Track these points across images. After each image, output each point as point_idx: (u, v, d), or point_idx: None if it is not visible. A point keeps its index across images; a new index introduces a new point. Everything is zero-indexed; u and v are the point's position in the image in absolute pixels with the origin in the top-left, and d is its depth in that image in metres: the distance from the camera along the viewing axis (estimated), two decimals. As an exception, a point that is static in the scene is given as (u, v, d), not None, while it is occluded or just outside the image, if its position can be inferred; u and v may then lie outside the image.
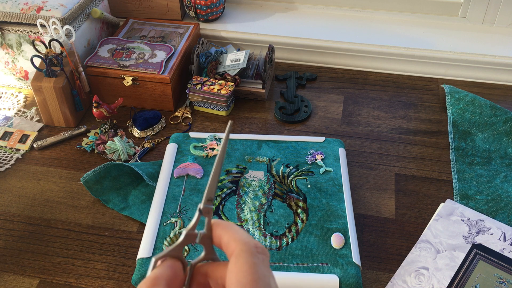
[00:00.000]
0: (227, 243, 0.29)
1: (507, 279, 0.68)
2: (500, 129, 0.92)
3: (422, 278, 0.69)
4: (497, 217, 0.78)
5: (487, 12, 1.13)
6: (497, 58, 1.06)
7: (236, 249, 0.28)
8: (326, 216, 0.75)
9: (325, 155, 0.85)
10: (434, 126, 0.97)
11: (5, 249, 0.76)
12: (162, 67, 0.97)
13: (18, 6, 0.96)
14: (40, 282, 0.71)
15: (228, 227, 0.30)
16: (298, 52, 1.13)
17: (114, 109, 0.95)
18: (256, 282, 0.26)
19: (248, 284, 0.26)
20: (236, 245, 0.28)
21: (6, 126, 0.98)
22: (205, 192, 0.31)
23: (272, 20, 1.19)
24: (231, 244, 0.29)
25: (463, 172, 0.86)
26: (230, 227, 0.30)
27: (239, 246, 0.28)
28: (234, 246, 0.28)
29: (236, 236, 0.29)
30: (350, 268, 0.68)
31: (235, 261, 0.28)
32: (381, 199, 0.83)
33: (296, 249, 0.71)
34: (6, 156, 0.92)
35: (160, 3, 1.14)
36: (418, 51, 1.08)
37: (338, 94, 1.05)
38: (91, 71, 0.98)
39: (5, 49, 1.02)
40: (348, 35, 1.13)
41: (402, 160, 0.90)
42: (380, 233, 0.77)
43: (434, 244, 0.72)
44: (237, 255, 0.28)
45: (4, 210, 0.82)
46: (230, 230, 0.30)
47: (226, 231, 0.30)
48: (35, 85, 0.91)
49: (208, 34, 1.15)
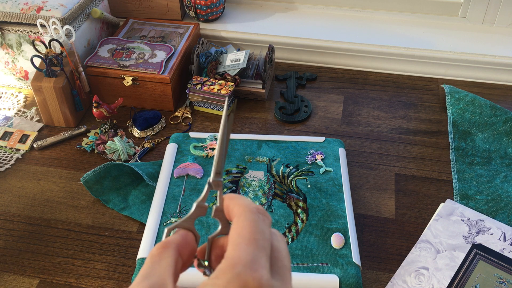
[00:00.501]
0: (232, 210, 0.30)
1: (507, 279, 0.68)
2: (500, 129, 0.92)
3: (422, 278, 0.69)
4: (497, 217, 0.78)
5: (487, 12, 1.13)
6: (497, 58, 1.06)
7: (238, 211, 0.29)
8: (326, 216, 0.75)
9: (325, 155, 0.85)
10: (434, 126, 0.97)
11: (5, 249, 0.76)
12: (162, 67, 0.97)
13: (18, 6, 0.96)
14: (40, 282, 0.71)
15: (234, 197, 0.31)
16: (298, 52, 1.13)
17: (114, 109, 0.95)
18: (256, 234, 0.27)
19: (248, 235, 0.27)
20: (239, 208, 0.29)
21: (6, 126, 0.98)
22: (214, 165, 0.32)
23: (272, 20, 1.19)
24: (235, 210, 0.30)
25: (463, 172, 0.86)
26: (236, 197, 0.31)
27: (242, 208, 0.29)
28: (237, 210, 0.29)
29: (240, 201, 0.30)
30: (350, 268, 0.68)
31: (236, 220, 0.29)
32: (381, 199, 0.83)
33: (296, 249, 0.71)
34: (6, 156, 0.92)
35: (160, 3, 1.14)
36: (418, 51, 1.08)
37: (338, 94, 1.05)
38: (91, 71, 0.98)
39: (5, 49, 1.02)
40: (348, 35, 1.13)
41: (402, 160, 0.90)
42: (380, 233, 0.77)
43: (434, 244, 0.72)
44: (239, 215, 0.29)
45: (4, 210, 0.82)
46: (235, 199, 0.31)
47: (232, 200, 0.31)
48: (35, 85, 0.91)
49: (208, 34, 1.15)
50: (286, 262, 0.29)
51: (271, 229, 0.30)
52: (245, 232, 0.28)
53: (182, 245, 0.29)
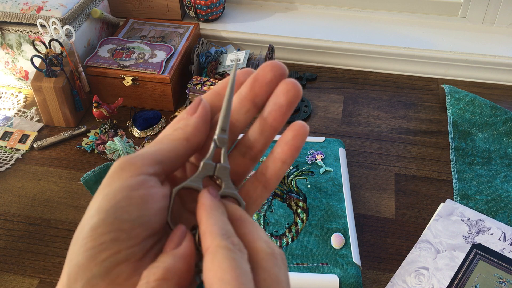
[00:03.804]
0: (203, 234, 0.26)
1: (507, 279, 0.68)
2: (500, 129, 0.92)
3: (422, 278, 0.69)
4: (497, 217, 0.78)
5: (487, 12, 1.13)
6: (497, 58, 1.06)
7: (211, 245, 0.25)
8: (326, 216, 0.75)
9: (325, 155, 0.85)
10: (434, 126, 0.97)
11: (5, 249, 0.76)
12: (162, 67, 0.97)
13: (18, 6, 0.96)
14: (40, 282, 0.71)
15: (207, 213, 0.27)
16: (298, 52, 1.13)
17: (114, 109, 0.95)
18: (240, 277, 0.24)
19: (233, 280, 0.24)
20: (212, 240, 0.25)
21: (6, 126, 0.98)
22: (219, 121, 0.30)
23: (272, 20, 1.19)
24: (206, 238, 0.26)
25: (463, 172, 0.86)
26: (209, 214, 0.27)
27: (215, 241, 0.25)
28: (209, 241, 0.25)
29: (213, 229, 0.26)
30: (350, 268, 0.68)
31: (212, 259, 0.25)
32: (381, 199, 0.83)
33: (296, 249, 0.71)
34: (6, 156, 0.92)
35: (160, 3, 1.14)
36: (418, 51, 1.08)
37: (338, 94, 1.05)
38: (91, 71, 0.98)
39: (5, 49, 1.02)
40: (348, 35, 1.13)
41: (402, 160, 0.90)
42: (380, 233, 0.77)
43: (434, 244, 0.72)
44: (213, 251, 0.25)
45: (4, 210, 0.82)
46: (209, 219, 0.27)
47: (205, 218, 0.27)
48: (35, 85, 0.91)
49: (208, 34, 1.15)
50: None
51: (274, 251, 0.26)
52: (228, 277, 0.24)
53: (183, 275, 0.26)
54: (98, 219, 0.25)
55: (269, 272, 0.25)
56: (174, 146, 0.28)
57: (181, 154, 0.29)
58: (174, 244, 0.27)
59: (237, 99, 0.31)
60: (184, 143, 0.29)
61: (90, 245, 0.25)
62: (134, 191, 0.26)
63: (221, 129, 0.30)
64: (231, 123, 0.31)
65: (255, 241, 0.26)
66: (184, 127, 0.29)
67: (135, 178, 0.26)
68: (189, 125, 0.29)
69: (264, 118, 0.31)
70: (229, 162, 0.30)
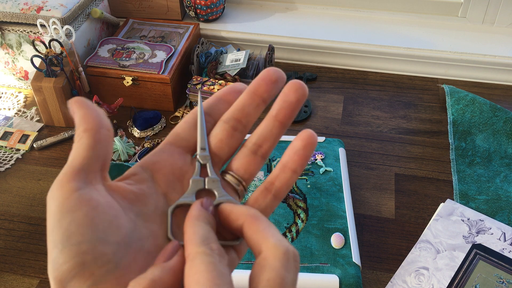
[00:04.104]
0: (185, 243, 0.27)
1: (507, 279, 0.68)
2: (500, 129, 0.92)
3: (422, 278, 0.69)
4: (497, 217, 0.78)
5: (487, 12, 1.13)
6: (497, 58, 1.06)
7: (191, 252, 0.26)
8: (326, 216, 0.75)
9: (325, 155, 0.85)
10: (434, 126, 0.97)
11: (5, 249, 0.76)
12: (162, 67, 0.97)
13: (18, 6, 0.96)
14: (40, 282, 0.71)
15: (190, 223, 0.27)
16: (298, 52, 1.13)
17: (114, 109, 0.95)
18: (216, 278, 0.24)
19: (208, 282, 0.24)
20: (192, 248, 0.26)
21: (6, 126, 0.98)
22: (198, 142, 0.32)
23: (272, 20, 1.19)
24: (187, 247, 0.26)
25: (463, 172, 0.86)
26: (192, 224, 0.27)
27: (195, 248, 0.26)
28: (190, 249, 0.26)
29: (194, 237, 0.26)
30: (350, 268, 0.68)
31: (190, 265, 0.25)
32: (381, 199, 0.83)
33: (296, 249, 0.71)
34: (6, 156, 0.92)
35: (160, 3, 1.14)
36: (418, 51, 1.08)
37: (338, 94, 1.05)
38: (91, 71, 0.98)
39: (5, 49, 1.02)
40: (348, 35, 1.13)
41: (402, 160, 0.90)
42: (380, 233, 0.77)
43: (434, 244, 0.72)
44: (192, 258, 0.25)
45: (4, 210, 0.82)
46: (191, 229, 0.27)
47: (188, 228, 0.27)
48: (35, 85, 0.91)
49: (208, 34, 1.15)
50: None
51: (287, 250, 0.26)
52: (204, 279, 0.24)
53: None
54: (57, 253, 0.25)
55: (276, 273, 0.25)
56: (85, 144, 0.28)
57: (93, 147, 0.28)
58: (165, 258, 0.27)
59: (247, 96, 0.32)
60: (91, 140, 0.28)
61: (61, 278, 0.25)
62: (76, 212, 0.25)
63: (201, 149, 0.31)
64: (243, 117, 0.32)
65: (267, 238, 0.26)
66: (83, 132, 0.29)
67: (71, 199, 0.26)
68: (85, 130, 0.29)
69: (274, 115, 0.31)
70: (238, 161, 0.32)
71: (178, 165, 0.31)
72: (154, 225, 0.29)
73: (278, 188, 0.31)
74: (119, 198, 0.28)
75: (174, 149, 0.32)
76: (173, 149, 0.32)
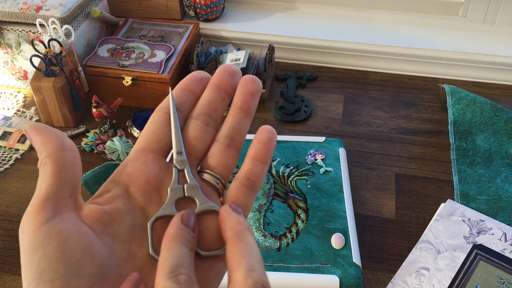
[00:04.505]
0: (157, 270, 0.26)
1: (508, 279, 0.67)
2: (501, 129, 0.91)
3: (422, 279, 0.68)
4: (498, 218, 0.78)
5: (488, 12, 1.13)
6: (498, 58, 1.05)
7: (158, 284, 0.25)
8: (326, 216, 0.75)
9: (325, 155, 0.84)
10: (434, 126, 0.97)
11: (4, 249, 0.76)
12: (162, 67, 0.97)
13: (17, 5, 0.96)
14: (39, 282, 0.71)
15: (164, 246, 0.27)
16: (298, 51, 1.13)
17: (113, 109, 0.95)
18: None
19: None
20: (159, 280, 0.25)
21: (5, 126, 0.98)
22: (173, 147, 0.31)
23: (272, 20, 1.19)
24: (156, 276, 0.26)
25: (464, 172, 0.86)
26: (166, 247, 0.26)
27: (161, 281, 0.25)
28: (157, 280, 0.25)
29: (163, 266, 0.25)
30: (351, 268, 0.68)
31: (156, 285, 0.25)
32: (382, 199, 0.82)
33: (296, 249, 0.70)
34: (5, 156, 0.91)
35: (159, 3, 1.14)
36: (419, 50, 1.08)
37: (339, 94, 1.05)
38: (90, 71, 0.98)
39: (4, 49, 1.02)
40: (348, 35, 1.12)
41: (403, 160, 0.89)
42: (380, 234, 0.77)
43: (435, 245, 0.72)
44: (157, 281, 0.25)
45: (4, 210, 0.82)
46: (163, 254, 0.26)
47: (162, 252, 0.26)
48: (34, 85, 0.91)
49: (208, 33, 1.15)
50: None
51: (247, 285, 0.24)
52: None
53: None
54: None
55: None
56: (50, 171, 0.27)
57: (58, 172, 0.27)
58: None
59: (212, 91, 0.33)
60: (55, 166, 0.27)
61: None
62: (47, 247, 0.25)
63: (177, 153, 0.30)
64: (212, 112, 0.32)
65: (240, 266, 0.25)
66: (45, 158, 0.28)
67: (40, 232, 0.25)
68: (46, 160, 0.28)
69: (239, 107, 0.32)
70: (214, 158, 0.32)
71: (153, 173, 0.30)
72: (133, 244, 0.28)
73: (254, 183, 0.31)
74: (93, 222, 0.27)
75: (146, 156, 0.30)
76: (145, 155, 0.30)
